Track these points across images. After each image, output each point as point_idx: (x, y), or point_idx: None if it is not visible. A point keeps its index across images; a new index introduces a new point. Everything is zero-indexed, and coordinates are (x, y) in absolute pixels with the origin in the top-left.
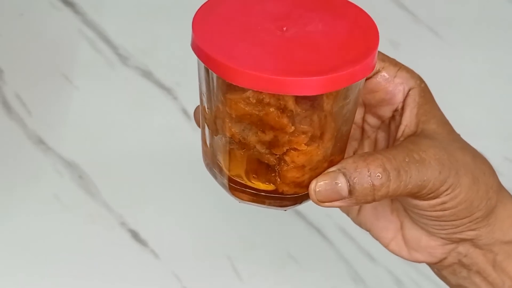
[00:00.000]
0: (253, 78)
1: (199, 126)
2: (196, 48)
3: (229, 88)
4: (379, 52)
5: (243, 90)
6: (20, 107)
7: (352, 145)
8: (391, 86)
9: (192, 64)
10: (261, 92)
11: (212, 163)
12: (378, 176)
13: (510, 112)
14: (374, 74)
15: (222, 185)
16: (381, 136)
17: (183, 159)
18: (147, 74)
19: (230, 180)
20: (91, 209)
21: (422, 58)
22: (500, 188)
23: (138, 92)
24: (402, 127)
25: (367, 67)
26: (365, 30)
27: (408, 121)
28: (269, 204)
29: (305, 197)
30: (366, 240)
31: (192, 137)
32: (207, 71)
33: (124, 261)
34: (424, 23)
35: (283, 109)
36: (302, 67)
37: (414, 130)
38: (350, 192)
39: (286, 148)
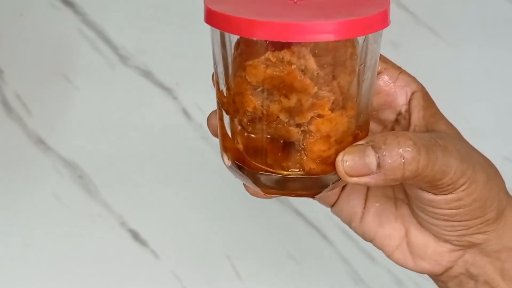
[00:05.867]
0: (270, 27)
1: (214, 135)
2: (211, 15)
3: (247, 55)
4: (381, 54)
5: (262, 53)
6: (20, 107)
7: None
8: (393, 88)
9: (192, 64)
10: (280, 51)
11: (233, 156)
12: (408, 150)
13: (510, 112)
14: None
15: (246, 178)
16: None
17: (183, 159)
18: (147, 74)
19: (255, 168)
20: (91, 209)
21: (422, 58)
22: (508, 192)
23: (138, 92)
24: (412, 127)
25: (381, 18)
26: None
27: (416, 122)
28: (295, 191)
29: (334, 179)
30: None
31: (192, 137)
32: (223, 45)
33: (124, 261)
34: (424, 23)
35: (304, 70)
36: (320, 18)
37: (424, 131)
38: (379, 166)
39: (310, 115)
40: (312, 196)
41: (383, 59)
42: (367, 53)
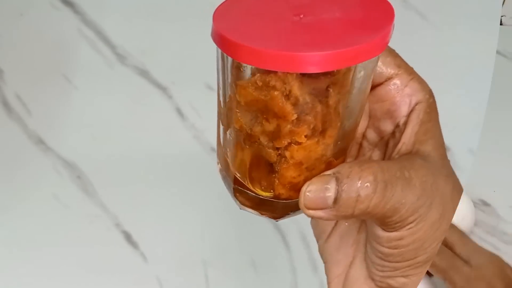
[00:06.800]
0: (253, 53)
1: None
2: (213, 33)
3: (240, 74)
4: (398, 57)
5: (253, 75)
6: (20, 107)
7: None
8: (399, 96)
9: (188, 63)
10: (267, 75)
11: (222, 164)
12: (367, 185)
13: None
14: (386, 80)
15: (228, 187)
16: (376, 155)
17: (178, 159)
18: (144, 73)
19: (235, 181)
20: (89, 209)
21: (410, 42)
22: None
23: (135, 92)
24: (400, 145)
25: (376, 44)
26: (380, 15)
27: (407, 139)
28: (263, 211)
29: (295, 206)
30: None
31: (185, 136)
32: (222, 59)
33: (116, 262)
34: (413, 7)
35: (288, 95)
36: (308, 46)
37: (410, 150)
38: (335, 201)
39: (287, 141)
40: (275, 219)
41: (398, 63)
42: (353, 81)
